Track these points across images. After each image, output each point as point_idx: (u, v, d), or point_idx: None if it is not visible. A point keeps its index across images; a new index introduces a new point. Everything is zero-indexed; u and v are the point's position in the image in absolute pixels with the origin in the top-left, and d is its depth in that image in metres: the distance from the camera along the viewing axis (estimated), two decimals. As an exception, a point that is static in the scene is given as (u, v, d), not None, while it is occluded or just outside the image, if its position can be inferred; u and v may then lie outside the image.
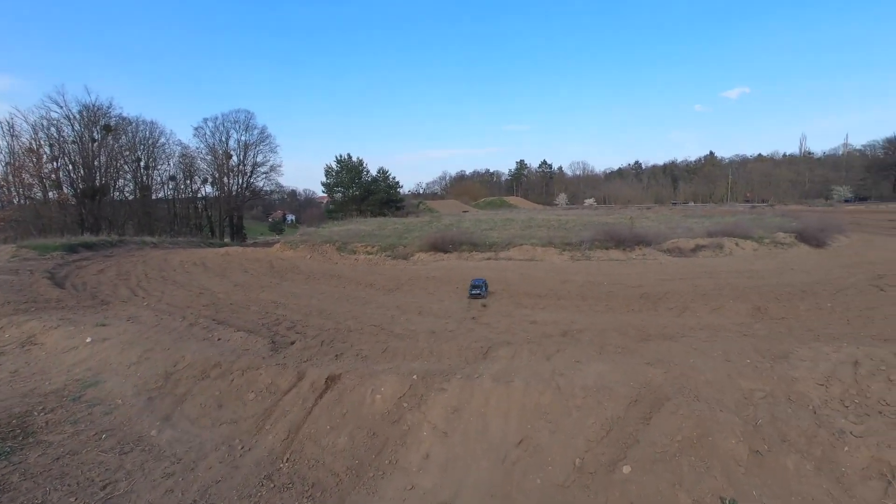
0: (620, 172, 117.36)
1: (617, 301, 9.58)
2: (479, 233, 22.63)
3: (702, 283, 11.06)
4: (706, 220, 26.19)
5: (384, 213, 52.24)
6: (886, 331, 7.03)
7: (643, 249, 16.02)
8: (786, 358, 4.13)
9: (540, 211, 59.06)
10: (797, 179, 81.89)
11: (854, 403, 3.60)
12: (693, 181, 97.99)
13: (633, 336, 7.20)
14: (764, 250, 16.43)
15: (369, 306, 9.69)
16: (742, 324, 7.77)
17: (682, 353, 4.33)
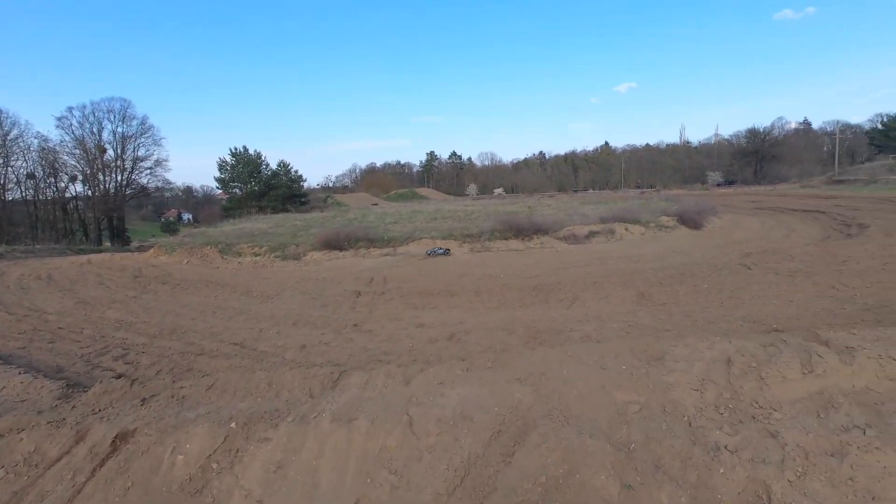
0: (526, 162, 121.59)
1: (511, 295, 9.22)
2: (383, 226, 21.71)
3: (593, 270, 11.12)
4: (601, 205, 27.40)
5: (287, 208, 49.21)
6: (754, 311, 7.27)
7: (541, 238, 16.11)
8: (661, 360, 3.78)
9: (450, 202, 59.21)
10: (678, 166, 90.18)
11: (728, 409, 3.29)
12: (591, 169, 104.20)
13: (520, 335, 6.80)
14: (650, 234, 17.28)
15: (238, 319, 8.45)
16: (627, 312, 7.70)
17: (558, 361, 3.83)
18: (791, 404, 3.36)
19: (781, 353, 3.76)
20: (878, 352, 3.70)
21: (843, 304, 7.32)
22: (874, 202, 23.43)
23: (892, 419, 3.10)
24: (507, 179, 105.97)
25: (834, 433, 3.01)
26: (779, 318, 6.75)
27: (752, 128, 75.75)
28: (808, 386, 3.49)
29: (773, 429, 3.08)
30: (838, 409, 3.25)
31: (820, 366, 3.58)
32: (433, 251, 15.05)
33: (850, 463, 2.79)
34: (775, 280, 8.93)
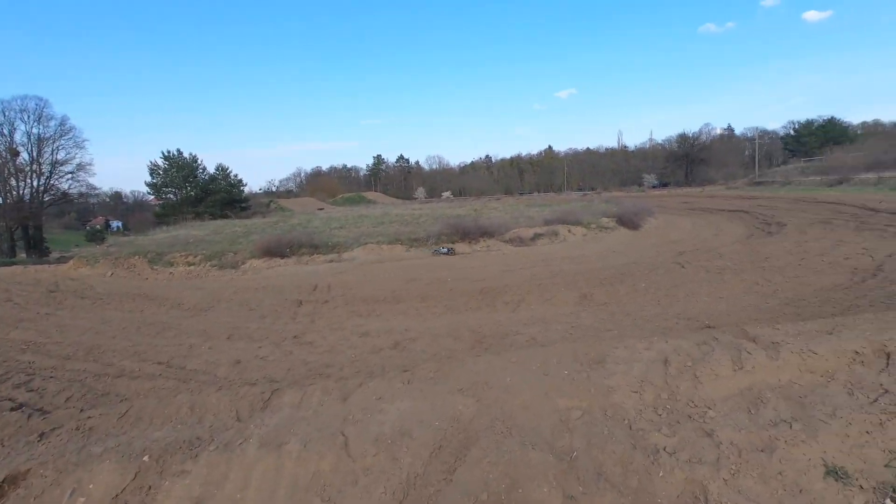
0: (473, 166, 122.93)
1: (458, 299, 9.15)
2: (328, 232, 21.15)
3: (538, 272, 11.27)
4: (545, 208, 28.06)
5: (227, 214, 46.98)
6: (688, 308, 7.58)
7: (487, 241, 16.21)
8: (602, 362, 3.79)
9: (398, 205, 58.71)
10: (617, 169, 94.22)
11: (666, 410, 3.33)
12: (536, 172, 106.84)
13: (466, 340, 6.72)
14: (591, 235, 17.83)
15: (165, 335, 7.84)
16: (571, 313, 7.82)
17: (501, 369, 3.74)
18: (724, 401, 3.45)
19: (714, 350, 3.87)
20: (800, 346, 3.89)
21: (766, 299, 7.79)
22: (789, 202, 25.42)
23: (815, 411, 3.24)
24: (454, 183, 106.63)
25: (763, 428, 3.10)
26: (710, 315, 7.07)
27: (683, 133, 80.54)
28: (739, 382, 3.60)
29: (708, 427, 3.14)
30: (766, 404, 3.37)
31: (749, 362, 3.71)
32: (437, 250, 15.25)
33: (778, 457, 2.87)
34: (706, 278, 9.39)
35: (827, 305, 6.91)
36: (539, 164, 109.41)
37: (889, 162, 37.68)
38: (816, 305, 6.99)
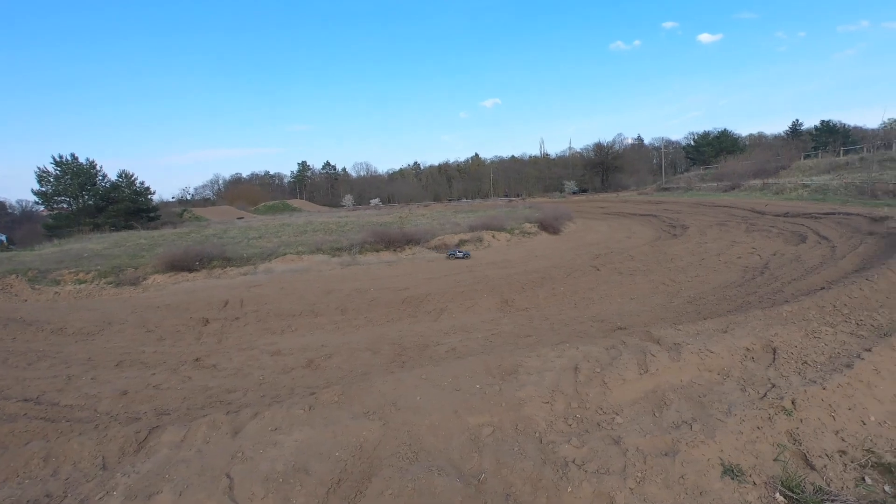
0: (402, 172, 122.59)
1: (379, 310, 8.85)
2: (245, 242, 19.97)
3: (462, 279, 11.23)
4: (472, 214, 28.41)
5: (132, 225, 42.97)
6: (602, 311, 7.83)
7: (413, 248, 16.03)
8: (515, 374, 3.70)
9: (324, 213, 57.02)
10: (540, 176, 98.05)
11: (576, 419, 3.30)
12: (464, 179, 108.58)
13: (385, 354, 6.46)
14: (515, 240, 18.22)
15: (39, 365, 6.84)
16: (492, 320, 7.80)
17: (412, 387, 3.53)
18: (631, 406, 3.48)
19: (621, 355, 3.92)
20: (699, 346, 4.05)
21: (671, 298, 8.25)
22: (691, 206, 27.64)
23: (713, 410, 3.34)
24: (383, 190, 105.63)
25: (667, 431, 3.14)
26: (622, 316, 7.34)
27: (598, 142, 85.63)
28: (645, 385, 3.66)
29: (615, 434, 3.12)
30: (670, 406, 3.43)
31: (653, 364, 3.79)
32: (453, 252, 14.78)
33: (681, 460, 2.90)
34: (619, 279, 9.82)
35: (723, 303, 7.42)
36: (467, 172, 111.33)
37: (771, 170, 42.35)
38: (714, 303, 7.49)
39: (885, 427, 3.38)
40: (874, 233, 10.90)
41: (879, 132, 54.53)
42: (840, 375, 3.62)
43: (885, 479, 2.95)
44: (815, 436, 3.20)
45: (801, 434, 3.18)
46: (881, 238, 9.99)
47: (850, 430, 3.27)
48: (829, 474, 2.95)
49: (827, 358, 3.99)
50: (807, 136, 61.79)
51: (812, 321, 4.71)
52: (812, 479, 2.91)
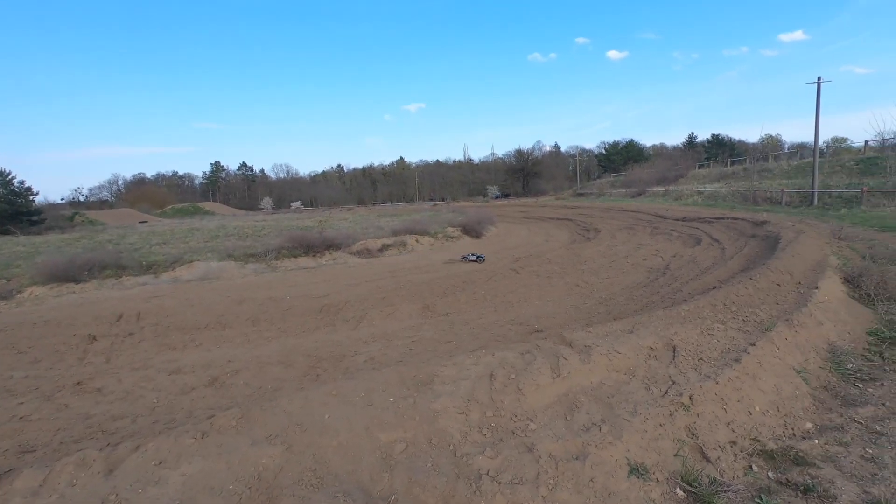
0: (325, 175, 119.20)
1: (294, 320, 8.39)
2: (147, 249, 18.23)
3: (383, 285, 11.00)
4: (396, 218, 28.17)
5: (9, 230, 37.81)
6: (521, 313, 7.98)
7: (334, 253, 15.51)
8: (430, 384, 3.59)
9: (240, 217, 53.81)
10: (464, 180, 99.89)
11: (490, 429, 3.25)
12: (389, 182, 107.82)
13: (299, 367, 6.10)
14: (438, 244, 18.27)
15: None
16: (413, 326, 7.67)
17: (320, 404, 3.30)
18: (544, 411, 3.50)
19: (536, 359, 3.95)
20: (608, 347, 4.18)
21: (585, 300, 8.61)
22: (603, 210, 29.40)
23: (620, 410, 3.44)
24: (305, 192, 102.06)
25: (578, 434, 3.18)
26: (539, 318, 7.52)
27: (519, 149, 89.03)
28: (557, 389, 3.71)
29: (529, 441, 3.11)
30: (580, 409, 3.49)
31: (565, 368, 3.85)
32: (466, 256, 14.18)
33: (591, 463, 2.94)
34: (537, 282, 10.10)
35: (631, 303, 7.86)
36: (392, 175, 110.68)
37: (671, 178, 46.30)
38: (623, 303, 7.91)
39: (767, 416, 3.68)
40: (756, 235, 12.18)
41: (759, 146, 61.61)
42: (730, 370, 3.90)
43: (768, 465, 3.18)
44: (710, 429, 3.40)
45: (697, 428, 3.37)
46: (762, 240, 11.16)
47: (739, 421, 3.52)
48: (722, 465, 3.13)
49: (719, 353, 4.29)
50: (700, 147, 68.29)
51: (706, 319, 5.07)
52: (708, 471, 3.08)
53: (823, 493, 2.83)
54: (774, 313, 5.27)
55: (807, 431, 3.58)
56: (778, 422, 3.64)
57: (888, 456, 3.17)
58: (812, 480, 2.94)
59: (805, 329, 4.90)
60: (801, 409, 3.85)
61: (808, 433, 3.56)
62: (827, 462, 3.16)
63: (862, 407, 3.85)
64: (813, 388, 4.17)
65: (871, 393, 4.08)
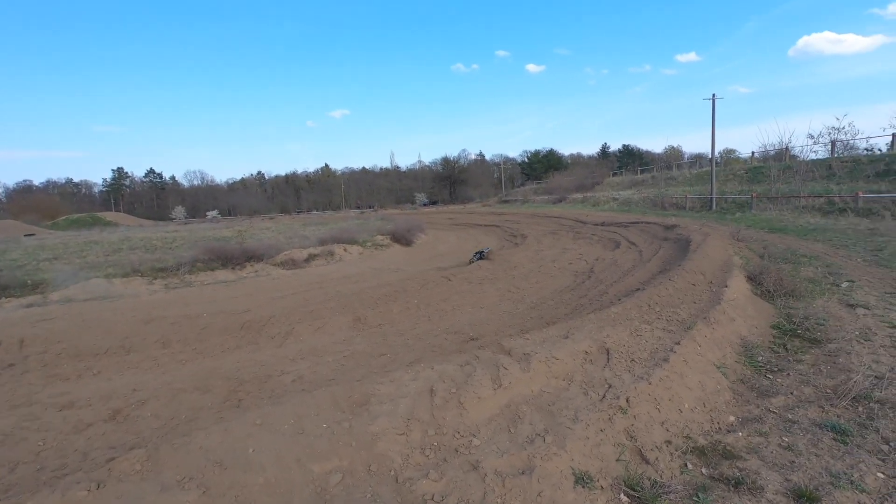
0: (244, 182, 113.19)
1: (213, 339, 7.70)
2: (34, 265, 16.12)
3: (311, 297, 10.48)
4: (322, 227, 27.24)
5: None
6: (455, 322, 7.90)
7: (256, 265, 14.61)
8: (366, 405, 3.36)
9: (147, 228, 49.41)
10: (392, 187, 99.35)
11: (433, 448, 3.08)
12: (314, 190, 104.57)
13: (219, 392, 5.56)
14: (367, 253, 17.86)
15: None
16: (344, 340, 7.33)
17: (244, 436, 2.95)
18: (487, 424, 3.39)
19: (476, 370, 3.84)
20: (546, 354, 4.18)
21: (517, 305, 8.72)
22: (528, 217, 30.40)
23: (562, 418, 3.42)
24: (222, 201, 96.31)
25: (522, 447, 3.09)
26: (474, 326, 7.48)
27: (446, 157, 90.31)
28: (499, 400, 3.62)
29: (474, 459, 2.97)
30: (523, 420, 3.42)
31: (506, 378, 3.77)
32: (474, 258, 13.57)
33: (537, 477, 2.85)
34: (469, 289, 10.10)
35: (561, 307, 8.06)
36: (316, 182, 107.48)
37: (589, 185, 49.02)
38: (553, 307, 8.09)
39: (695, 412, 3.83)
40: (668, 238, 13.08)
41: (663, 156, 67.14)
42: (660, 370, 4.03)
43: (701, 462, 3.29)
44: (647, 430, 3.46)
45: (635, 430, 3.41)
46: (674, 243, 11.99)
47: (672, 420, 3.63)
48: (660, 466, 3.19)
49: (648, 354, 4.44)
50: (613, 157, 73.15)
51: (634, 320, 5.26)
52: (648, 473, 3.11)
53: (752, 484, 2.95)
54: (693, 312, 5.59)
55: (730, 425, 3.76)
56: (705, 417, 3.80)
57: (801, 443, 3.39)
58: (741, 473, 3.06)
59: (720, 326, 5.23)
60: (723, 402, 4.05)
61: (732, 426, 3.74)
62: (751, 453, 3.32)
63: (774, 397, 4.13)
64: (731, 381, 4.43)
65: (780, 383, 4.41)
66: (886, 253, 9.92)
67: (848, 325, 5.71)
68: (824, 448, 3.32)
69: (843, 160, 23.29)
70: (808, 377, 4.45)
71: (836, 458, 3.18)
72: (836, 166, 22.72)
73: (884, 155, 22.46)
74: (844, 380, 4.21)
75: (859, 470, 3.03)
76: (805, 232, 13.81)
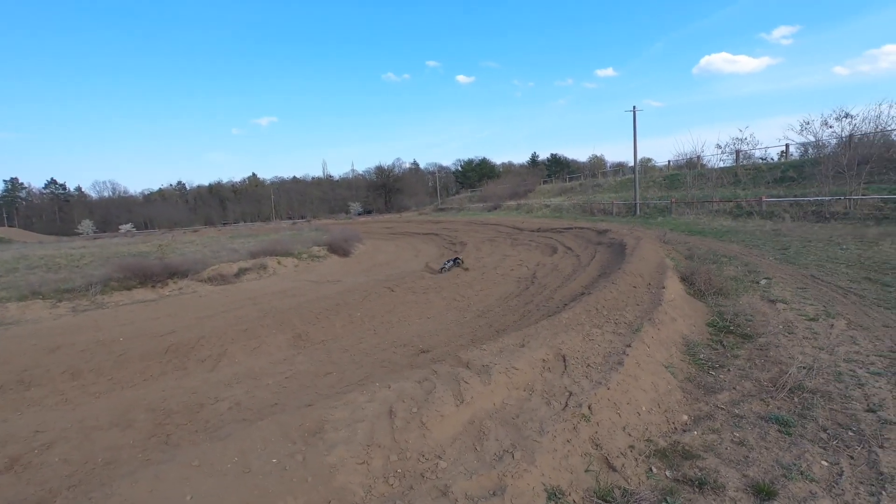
0: (162, 193, 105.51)
1: (131, 366, 6.92)
2: None
3: (244, 314, 9.79)
4: (252, 239, 25.82)
5: None
6: (403, 334, 7.66)
7: (179, 282, 13.48)
8: (320, 433, 3.07)
9: (49, 244, 44.45)
10: (325, 197, 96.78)
11: (397, 476, 2.86)
12: (241, 201, 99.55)
13: (142, 428, 4.96)
14: (303, 265, 17.11)
15: None
16: (284, 360, 6.86)
17: (178, 482, 2.56)
18: (452, 443, 3.21)
19: (436, 387, 3.65)
20: (505, 364, 4.07)
21: (464, 313, 8.63)
22: (466, 224, 30.69)
23: (528, 431, 3.31)
24: (137, 213, 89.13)
25: (491, 466, 2.94)
26: (423, 337, 7.28)
27: (380, 165, 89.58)
28: (462, 417, 3.45)
29: (442, 484, 2.78)
30: (489, 436, 3.28)
31: (468, 392, 3.62)
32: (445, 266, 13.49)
33: (509, 497, 2.71)
34: (414, 299, 9.89)
35: (509, 313, 8.06)
36: (244, 193, 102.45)
37: (522, 192, 50.53)
38: (501, 314, 8.07)
39: (652, 414, 3.88)
40: (602, 243, 13.63)
41: (589, 164, 70.71)
42: (616, 374, 4.06)
43: (664, 464, 3.30)
44: (610, 436, 3.44)
45: (600, 438, 3.38)
46: (608, 247, 12.50)
47: (632, 424, 3.64)
48: (627, 472, 3.16)
49: (602, 358, 4.47)
50: (542, 165, 75.97)
51: (585, 325, 5.32)
52: (617, 481, 3.07)
53: (714, 483, 3.00)
54: (638, 314, 5.76)
55: (685, 424, 3.85)
56: (661, 418, 3.86)
57: (751, 438, 3.52)
58: (702, 473, 3.10)
59: (664, 326, 5.41)
60: (675, 402, 4.15)
61: (687, 425, 3.82)
62: (708, 452, 3.39)
63: (720, 393, 4.30)
64: (680, 381, 4.56)
65: (723, 379, 4.60)
66: (791, 251, 10.92)
67: (772, 319, 6.14)
68: (772, 440, 3.46)
69: (747, 168, 25.65)
70: (747, 371, 4.69)
71: (784, 450, 3.32)
72: (741, 173, 24.96)
73: (779, 163, 24.99)
74: (779, 372, 4.46)
75: (806, 460, 3.17)
76: (721, 234, 14.95)
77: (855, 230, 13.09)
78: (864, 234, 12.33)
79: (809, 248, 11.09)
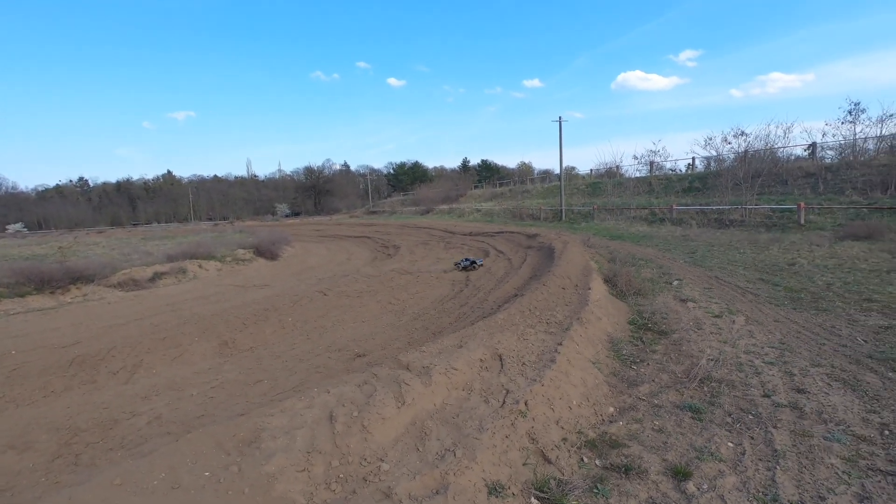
0: (60, 190, 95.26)
1: (28, 382, 6.20)
2: None
3: (163, 321, 9.11)
4: (168, 241, 24.05)
5: None
6: (337, 338, 7.51)
7: (83, 288, 12.26)
8: (257, 441, 2.95)
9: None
10: (249, 198, 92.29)
11: (340, 481, 2.81)
12: (155, 201, 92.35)
13: (43, 451, 4.48)
14: (227, 269, 16.21)
15: None
16: (210, 369, 6.47)
17: (95, 502, 2.34)
18: (394, 446, 3.21)
19: (377, 390, 3.64)
20: (445, 365, 4.14)
21: (399, 317, 8.61)
22: (399, 227, 30.60)
23: (468, 430, 3.39)
24: (30, 212, 79.87)
25: (434, 465, 2.98)
26: (358, 341, 7.18)
27: (309, 166, 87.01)
28: (404, 418, 3.46)
29: (385, 486, 2.78)
30: (431, 436, 3.32)
31: (409, 394, 3.64)
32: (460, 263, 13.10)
33: (452, 494, 2.76)
34: (348, 303, 9.72)
35: (444, 315, 8.16)
36: (157, 191, 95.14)
37: (454, 197, 51.22)
38: (437, 317, 8.15)
39: (582, 408, 4.11)
40: (532, 246, 14.18)
41: (517, 171, 73.12)
42: (549, 370, 4.26)
43: (594, 454, 3.52)
44: (545, 430, 3.61)
45: (536, 432, 3.53)
46: (538, 250, 13.03)
47: (565, 418, 3.84)
48: (561, 464, 3.33)
49: (536, 356, 4.67)
50: (473, 170, 77.53)
51: (519, 325, 5.52)
52: (553, 473, 3.23)
53: (638, 469, 3.24)
54: (568, 314, 6.07)
55: (611, 415, 4.12)
56: (590, 411, 4.10)
57: (669, 425, 3.84)
58: (627, 460, 3.34)
59: (591, 325, 5.75)
60: (602, 395, 4.43)
61: (613, 417, 4.10)
62: (632, 440, 3.66)
63: (641, 386, 4.64)
64: (606, 375, 4.87)
65: (643, 373, 4.97)
66: (698, 255, 12.00)
67: (684, 316, 6.72)
68: (686, 427, 3.79)
69: (659, 178, 27.83)
70: (663, 365, 5.10)
71: (697, 435, 3.66)
72: (655, 183, 27.03)
73: (687, 174, 27.36)
74: (691, 365, 4.90)
75: (715, 442, 3.51)
76: (638, 238, 16.10)
77: (750, 236, 14.65)
78: (757, 239, 13.82)
79: (713, 252, 12.26)
